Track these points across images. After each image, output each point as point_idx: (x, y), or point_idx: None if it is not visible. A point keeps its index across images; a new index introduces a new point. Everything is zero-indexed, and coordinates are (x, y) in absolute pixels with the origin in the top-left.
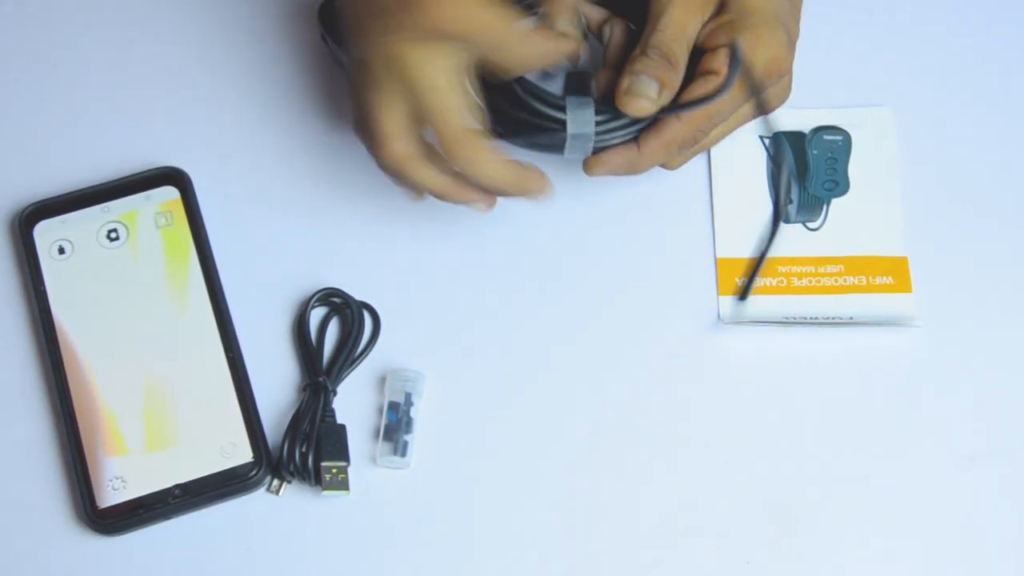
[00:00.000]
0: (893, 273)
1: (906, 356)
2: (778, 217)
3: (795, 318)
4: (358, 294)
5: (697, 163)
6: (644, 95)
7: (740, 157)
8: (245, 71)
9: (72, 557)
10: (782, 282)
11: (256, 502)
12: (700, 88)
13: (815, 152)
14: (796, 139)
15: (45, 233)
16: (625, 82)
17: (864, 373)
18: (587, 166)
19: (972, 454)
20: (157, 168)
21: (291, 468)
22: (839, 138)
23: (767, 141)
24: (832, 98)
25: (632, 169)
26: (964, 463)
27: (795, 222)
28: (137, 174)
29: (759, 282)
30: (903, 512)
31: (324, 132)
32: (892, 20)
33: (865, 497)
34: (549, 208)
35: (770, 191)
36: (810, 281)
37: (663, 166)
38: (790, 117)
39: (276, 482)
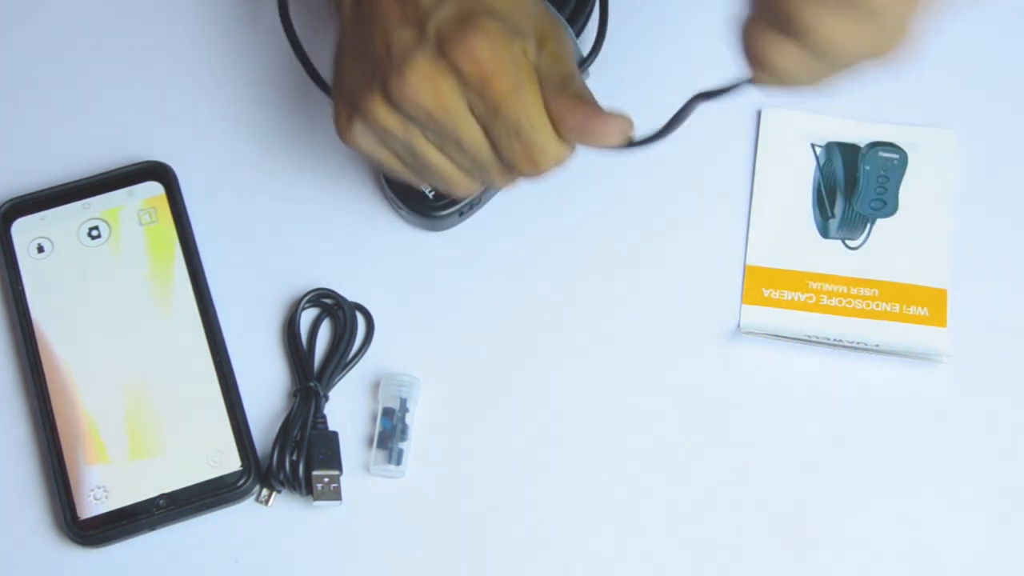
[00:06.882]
0: (929, 305)
1: (928, 391)
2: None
3: (817, 337)
4: (351, 295)
5: (740, 163)
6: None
7: (787, 163)
8: (234, 63)
9: (51, 570)
10: (811, 298)
11: (244, 513)
12: None
13: (867, 168)
14: (849, 152)
15: (23, 231)
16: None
17: (882, 402)
18: None
19: (980, 492)
20: (140, 162)
21: (281, 477)
22: (895, 156)
23: (819, 150)
24: (893, 113)
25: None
26: (972, 501)
27: (835, 238)
28: (119, 169)
29: (787, 296)
30: (912, 544)
31: (316, 125)
32: (971, 38)
33: (876, 527)
34: (560, 198)
35: (814, 202)
36: (840, 301)
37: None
38: (847, 128)
39: (265, 492)
